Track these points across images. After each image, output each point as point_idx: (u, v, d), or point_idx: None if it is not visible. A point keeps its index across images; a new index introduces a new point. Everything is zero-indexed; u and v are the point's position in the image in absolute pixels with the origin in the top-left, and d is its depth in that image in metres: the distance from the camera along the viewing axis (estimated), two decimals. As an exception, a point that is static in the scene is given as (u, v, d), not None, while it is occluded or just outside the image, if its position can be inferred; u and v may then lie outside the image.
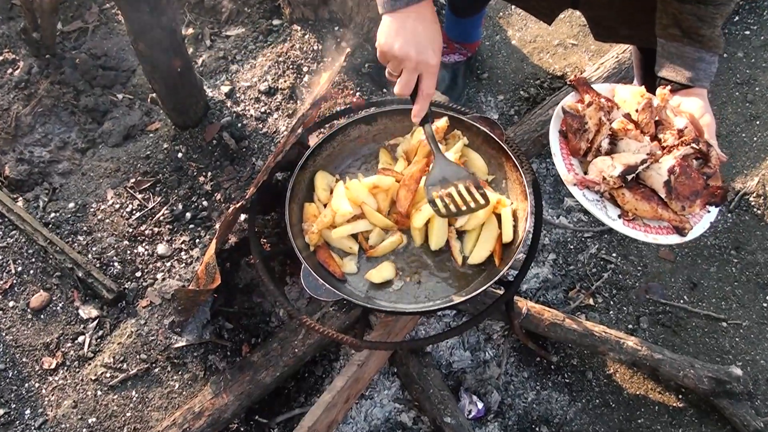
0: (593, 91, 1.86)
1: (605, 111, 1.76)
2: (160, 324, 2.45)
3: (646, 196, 1.69)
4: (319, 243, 2.05)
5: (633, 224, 1.71)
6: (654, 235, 1.70)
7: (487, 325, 2.55)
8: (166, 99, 2.73)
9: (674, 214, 1.69)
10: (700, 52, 1.76)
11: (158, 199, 2.75)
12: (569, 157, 1.81)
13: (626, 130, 1.71)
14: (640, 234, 1.69)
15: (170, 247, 2.64)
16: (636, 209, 1.70)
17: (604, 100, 1.80)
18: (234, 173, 2.78)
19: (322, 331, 1.89)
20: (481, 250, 2.00)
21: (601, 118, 1.74)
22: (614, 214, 1.72)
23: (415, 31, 1.63)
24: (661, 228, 1.72)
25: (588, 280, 2.71)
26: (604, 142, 1.74)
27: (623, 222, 1.70)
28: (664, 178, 1.67)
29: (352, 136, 2.24)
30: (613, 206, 1.73)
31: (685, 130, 1.72)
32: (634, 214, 1.71)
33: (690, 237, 1.71)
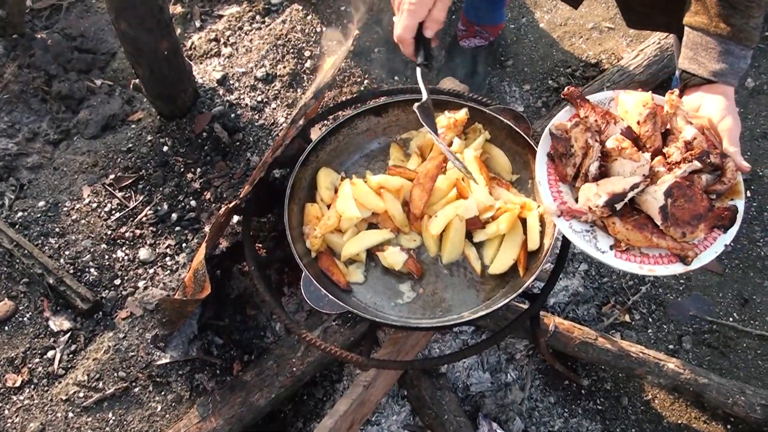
0: (588, 104, 1.82)
1: (593, 131, 1.74)
2: (141, 338, 2.47)
3: (638, 224, 1.67)
4: (321, 249, 2.06)
5: (627, 255, 1.69)
6: (651, 266, 1.68)
7: (510, 343, 2.55)
8: (150, 86, 2.75)
9: (673, 241, 1.67)
10: (728, 43, 1.73)
11: (141, 198, 2.78)
12: (557, 183, 1.80)
13: (621, 149, 1.69)
14: (634, 266, 1.67)
15: (154, 251, 2.66)
16: (628, 239, 1.69)
17: (595, 118, 1.77)
18: (226, 170, 2.80)
19: (324, 347, 1.90)
20: (504, 258, 2.01)
21: (588, 140, 1.72)
22: (606, 245, 1.71)
23: None
24: (661, 257, 1.70)
25: (624, 294, 2.72)
26: (592, 166, 1.71)
27: (615, 254, 1.69)
28: (660, 203, 1.65)
29: (359, 129, 2.25)
30: (605, 236, 1.72)
31: (694, 141, 1.69)
32: (627, 244, 1.70)
33: (698, 264, 1.68)
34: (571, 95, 1.86)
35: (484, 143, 2.18)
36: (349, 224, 2.04)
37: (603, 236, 1.72)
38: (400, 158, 2.24)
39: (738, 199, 1.73)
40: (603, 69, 3.30)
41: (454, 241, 2.02)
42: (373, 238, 2.05)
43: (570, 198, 1.78)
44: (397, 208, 2.07)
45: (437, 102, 2.22)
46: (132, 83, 2.94)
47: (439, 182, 2.07)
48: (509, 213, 2.00)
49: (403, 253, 2.01)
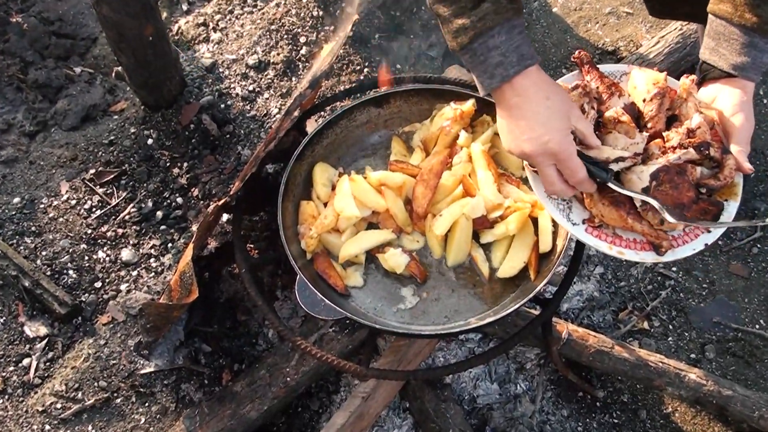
0: (597, 71, 1.85)
1: (592, 97, 1.76)
2: (123, 345, 2.47)
3: (615, 202, 1.68)
4: (317, 250, 2.06)
5: (598, 232, 1.72)
6: (621, 248, 1.69)
7: (520, 352, 2.55)
8: (133, 74, 2.75)
9: (650, 227, 1.69)
10: (753, 35, 1.70)
11: (123, 195, 2.78)
12: None
13: (618, 121, 1.71)
14: (603, 245, 1.69)
15: (137, 252, 2.66)
16: (603, 215, 1.70)
17: (598, 85, 1.79)
18: (215, 164, 2.80)
19: (320, 356, 1.90)
20: (514, 261, 2.00)
21: (584, 105, 1.73)
22: (579, 218, 1.73)
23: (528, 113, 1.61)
24: (634, 242, 1.71)
25: (642, 300, 2.72)
26: None
27: (586, 228, 1.72)
28: (644, 185, 1.65)
29: (359, 121, 2.25)
30: (580, 208, 1.75)
31: (697, 130, 1.70)
32: (601, 221, 1.72)
33: (671, 257, 1.69)
34: (581, 59, 1.87)
35: (493, 137, 2.17)
36: (348, 224, 2.03)
37: (578, 208, 1.74)
38: (403, 153, 2.24)
39: (732, 201, 1.73)
40: (621, 57, 3.29)
41: (460, 242, 2.01)
42: (373, 239, 2.05)
43: None
44: (398, 207, 2.06)
45: (441, 92, 2.21)
46: (114, 71, 2.94)
47: (444, 179, 2.06)
48: (519, 212, 1.99)
49: (405, 255, 2.01)
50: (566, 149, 1.59)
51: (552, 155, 1.59)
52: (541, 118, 1.59)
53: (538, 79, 1.62)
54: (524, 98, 1.61)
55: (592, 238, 1.70)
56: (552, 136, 1.58)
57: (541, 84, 1.62)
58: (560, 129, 1.59)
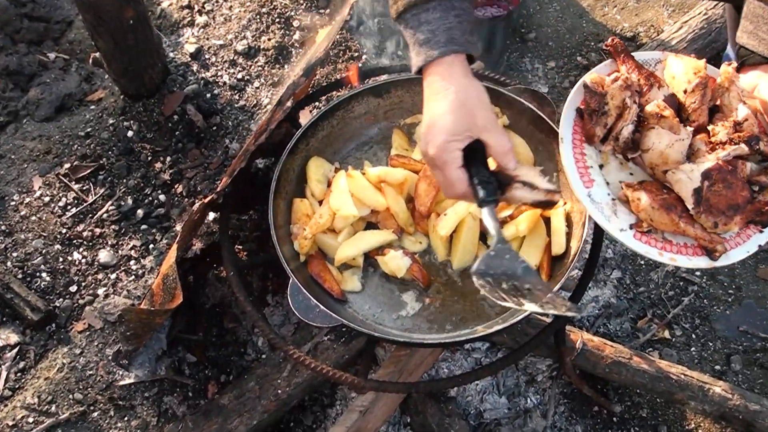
0: (632, 61, 1.85)
1: (634, 91, 1.75)
2: (100, 354, 2.47)
3: (666, 204, 1.68)
4: (311, 251, 2.06)
5: (647, 238, 1.71)
6: (673, 254, 1.69)
7: (530, 363, 2.56)
8: (113, 60, 2.75)
9: (702, 230, 1.68)
10: None
11: (101, 191, 2.78)
12: (582, 144, 1.81)
13: (660, 116, 1.71)
14: (653, 252, 1.69)
15: (116, 253, 2.66)
16: (652, 219, 1.69)
17: (639, 76, 1.79)
18: (201, 159, 2.80)
19: (314, 366, 1.90)
20: (524, 263, 2.02)
21: (626, 100, 1.73)
22: (625, 223, 1.72)
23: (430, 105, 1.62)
24: (685, 246, 1.71)
25: (663, 306, 2.72)
26: (625, 129, 1.73)
27: (634, 234, 1.71)
28: (695, 185, 1.65)
29: (356, 113, 2.25)
30: (626, 212, 1.74)
31: (744, 123, 1.70)
32: (650, 226, 1.73)
33: (724, 262, 1.68)
34: (615, 48, 1.87)
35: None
36: (345, 223, 2.04)
37: (624, 213, 1.74)
38: (404, 147, 2.24)
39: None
40: (640, 43, 3.30)
41: (466, 244, 2.02)
42: (372, 240, 2.05)
43: (594, 162, 1.79)
44: (400, 205, 2.07)
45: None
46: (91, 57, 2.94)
47: (450, 175, 2.07)
48: (531, 211, 2.00)
49: (406, 258, 2.01)
50: (441, 157, 1.57)
51: (429, 160, 1.60)
52: (436, 115, 1.58)
53: (458, 71, 1.60)
54: (434, 88, 1.60)
55: (642, 245, 1.69)
56: (435, 139, 1.57)
57: (458, 77, 1.60)
58: (447, 132, 1.57)
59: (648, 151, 1.73)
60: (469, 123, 1.58)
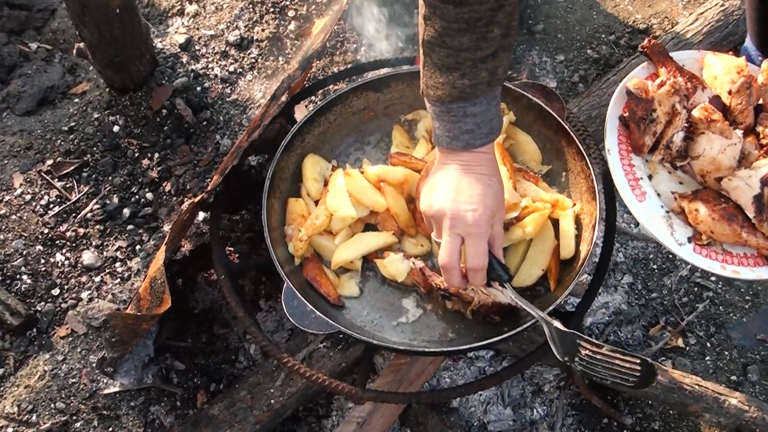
0: (672, 63, 1.85)
1: (682, 95, 1.75)
2: (84, 361, 2.47)
3: (726, 214, 1.69)
4: (307, 254, 2.06)
5: (708, 251, 1.72)
6: (735, 266, 1.70)
7: (537, 372, 2.56)
8: (98, 51, 2.74)
9: (765, 239, 1.70)
10: None
11: (85, 189, 2.77)
12: (629, 154, 1.82)
13: (710, 120, 1.70)
14: (716, 265, 1.70)
15: (101, 255, 2.66)
16: (712, 231, 1.70)
17: (682, 79, 1.79)
18: (191, 155, 2.80)
19: (309, 375, 1.90)
20: (531, 268, 2.02)
21: (675, 105, 1.73)
22: (683, 236, 1.73)
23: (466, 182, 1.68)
24: (746, 257, 1.72)
25: (677, 314, 2.72)
26: (676, 136, 1.73)
27: (693, 248, 1.72)
28: (755, 192, 1.66)
29: (355, 108, 2.25)
30: (683, 225, 1.75)
31: None
32: (710, 238, 1.72)
33: None
34: (652, 50, 1.87)
35: (508, 126, 2.18)
36: (342, 225, 2.04)
37: (681, 225, 1.75)
38: (405, 144, 2.24)
39: None
40: (653, 36, 3.29)
41: (470, 247, 2.02)
42: (371, 243, 2.05)
43: (643, 173, 1.79)
44: (400, 206, 2.07)
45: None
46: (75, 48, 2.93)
47: (453, 174, 2.07)
48: (538, 213, 2.00)
49: (407, 261, 2.01)
50: (483, 226, 1.64)
51: (467, 226, 1.64)
52: (476, 191, 1.65)
53: (491, 157, 1.71)
54: (470, 168, 1.68)
55: (703, 259, 1.71)
56: (477, 209, 1.63)
57: (490, 163, 1.70)
58: (488, 208, 1.65)
59: (698, 158, 1.73)
60: (495, 209, 1.67)
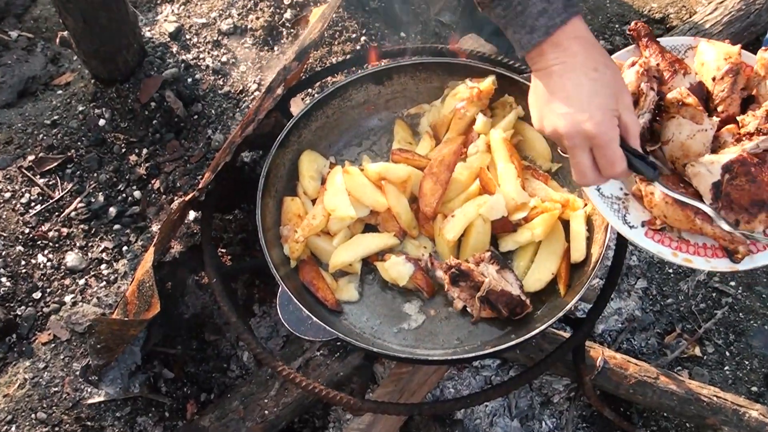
0: (657, 46, 1.86)
1: (652, 77, 1.76)
2: (67, 369, 2.47)
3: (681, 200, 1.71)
4: (303, 256, 2.07)
5: (661, 236, 1.73)
6: (689, 255, 1.71)
7: (546, 382, 2.56)
8: (82, 40, 2.74)
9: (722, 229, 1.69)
10: None
11: (69, 187, 2.78)
12: None
13: (681, 104, 1.71)
14: (666, 251, 1.70)
15: (85, 256, 2.66)
16: (666, 216, 1.72)
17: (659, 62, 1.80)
18: (181, 151, 2.80)
19: (305, 384, 1.91)
20: (540, 272, 2.02)
21: (642, 85, 1.74)
22: (637, 220, 1.74)
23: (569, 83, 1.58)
24: (704, 247, 1.73)
25: (693, 320, 2.72)
26: (641, 118, 1.74)
27: (646, 231, 1.73)
28: (715, 179, 1.66)
29: (354, 101, 2.25)
30: (639, 208, 1.76)
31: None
32: (664, 223, 1.73)
33: (748, 265, 1.70)
34: (638, 32, 1.89)
35: (516, 122, 2.18)
36: (341, 225, 2.04)
37: (636, 209, 1.76)
38: (408, 140, 2.24)
39: None
40: (670, 26, 3.30)
41: (475, 249, 2.02)
42: (372, 244, 2.06)
43: None
44: (402, 206, 2.07)
45: (455, 67, 2.22)
46: (58, 36, 2.94)
47: (458, 172, 2.07)
48: (548, 214, 2.01)
49: (409, 264, 2.01)
50: (606, 132, 1.55)
51: (588, 138, 1.56)
52: (584, 92, 1.56)
53: (586, 42, 1.58)
54: (568, 64, 1.57)
55: (654, 244, 1.71)
56: (593, 115, 1.54)
57: (591, 50, 1.59)
58: (604, 108, 1.55)
59: (668, 143, 1.74)
60: (618, 99, 1.58)
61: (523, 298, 1.92)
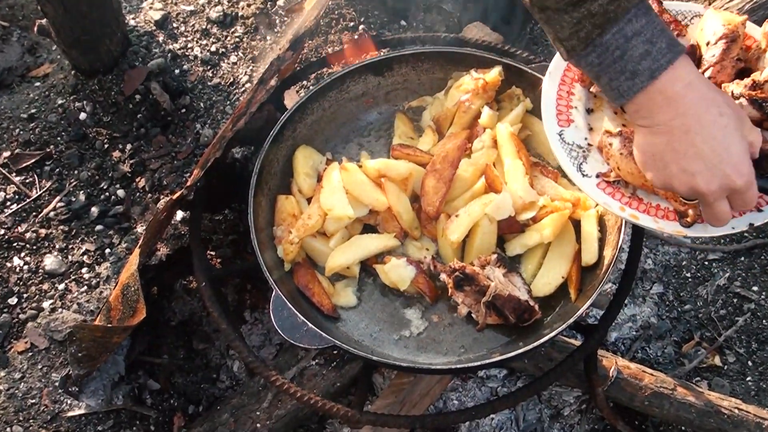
0: (658, 5, 1.86)
1: None
2: (45, 380, 2.47)
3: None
4: (299, 259, 2.07)
5: (613, 189, 1.75)
6: (635, 211, 1.72)
7: (555, 393, 2.56)
8: (62, 28, 2.74)
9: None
10: None
11: (47, 185, 2.77)
12: (573, 83, 1.86)
13: None
14: (614, 204, 1.72)
15: (65, 259, 2.66)
16: (619, 168, 1.73)
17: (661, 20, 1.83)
18: (168, 147, 2.80)
19: (300, 395, 1.91)
20: (549, 275, 2.03)
21: None
22: (592, 169, 1.77)
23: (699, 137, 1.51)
24: (656, 207, 1.74)
25: (713, 328, 2.73)
26: None
27: (598, 182, 1.75)
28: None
29: (352, 94, 2.26)
30: (598, 160, 1.79)
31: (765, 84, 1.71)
32: (618, 177, 1.75)
33: (701, 233, 1.70)
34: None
35: (524, 115, 2.19)
36: (338, 226, 2.05)
37: (596, 161, 1.79)
38: (409, 134, 2.25)
39: None
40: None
41: (481, 252, 2.03)
42: (371, 246, 2.06)
43: (581, 104, 1.84)
44: (403, 205, 2.08)
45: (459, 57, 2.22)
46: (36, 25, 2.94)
47: (462, 169, 2.08)
48: (557, 214, 2.02)
49: (411, 267, 2.02)
50: (749, 180, 1.52)
51: (736, 190, 1.53)
52: (719, 146, 1.50)
53: (697, 83, 1.52)
54: (690, 117, 1.51)
55: (603, 195, 1.74)
56: (733, 166, 1.50)
57: (705, 91, 1.52)
58: (741, 154, 1.51)
59: None
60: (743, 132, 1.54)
61: (531, 303, 1.93)
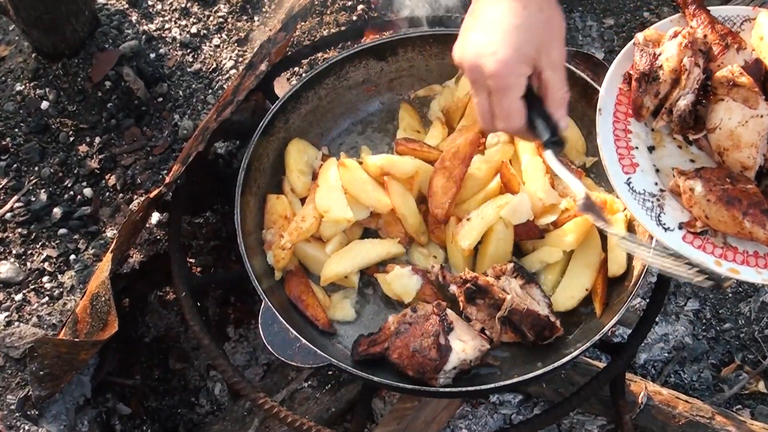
0: (706, 14, 1.85)
1: (697, 50, 1.77)
2: (1, 402, 2.48)
3: (726, 196, 1.68)
4: (291, 266, 2.09)
5: (702, 241, 1.72)
6: (735, 264, 1.70)
7: (577, 422, 2.57)
8: (22, 5, 2.74)
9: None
10: None
11: (4, 183, 2.78)
12: (628, 118, 1.84)
13: (733, 84, 1.72)
14: (708, 259, 1.69)
15: (23, 266, 2.66)
16: (707, 217, 1.71)
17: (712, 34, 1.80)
18: (142, 140, 2.80)
19: (291, 420, 1.92)
20: (572, 288, 2.04)
21: (684, 60, 1.75)
22: (674, 220, 1.74)
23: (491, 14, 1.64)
24: (755, 255, 1.72)
25: (756, 349, 2.73)
26: (682, 100, 1.73)
27: (684, 235, 1.73)
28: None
29: (351, 81, 2.27)
30: (677, 208, 1.76)
31: None
32: (705, 225, 1.74)
33: None
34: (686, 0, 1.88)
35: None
36: (335, 229, 2.07)
37: (674, 208, 1.76)
38: (415, 127, 2.26)
39: None
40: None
41: (496, 259, 2.05)
42: (372, 253, 2.08)
43: (641, 142, 1.82)
44: (408, 207, 2.09)
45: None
46: (-6, 2, 2.96)
47: (475, 167, 2.09)
48: (581, 218, 2.02)
49: (416, 277, 2.03)
50: (506, 76, 1.60)
51: (486, 76, 1.61)
52: (502, 25, 1.61)
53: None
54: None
55: (693, 250, 1.71)
56: (498, 51, 1.59)
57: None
58: (516, 49, 1.59)
59: (715, 130, 1.74)
60: (541, 49, 1.62)
61: (552, 318, 1.93)
